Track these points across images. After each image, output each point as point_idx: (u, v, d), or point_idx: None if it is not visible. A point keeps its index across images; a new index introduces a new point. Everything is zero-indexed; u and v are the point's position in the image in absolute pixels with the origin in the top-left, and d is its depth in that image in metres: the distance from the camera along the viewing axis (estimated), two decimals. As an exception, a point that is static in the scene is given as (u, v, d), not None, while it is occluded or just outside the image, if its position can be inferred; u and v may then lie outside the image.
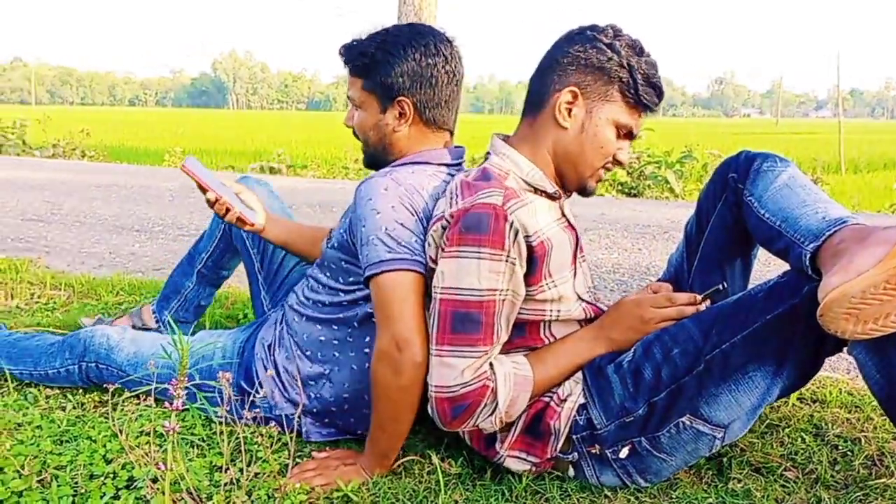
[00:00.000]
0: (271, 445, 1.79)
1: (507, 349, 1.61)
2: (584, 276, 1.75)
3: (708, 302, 1.62)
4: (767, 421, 1.97)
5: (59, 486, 1.57)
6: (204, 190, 2.02)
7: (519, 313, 1.58)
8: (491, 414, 1.53)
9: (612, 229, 5.26)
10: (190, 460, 1.68)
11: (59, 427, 1.86)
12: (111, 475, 1.62)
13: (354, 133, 1.91)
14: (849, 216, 1.38)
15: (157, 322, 2.53)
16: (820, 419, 1.98)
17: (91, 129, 14.52)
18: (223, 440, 1.77)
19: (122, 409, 1.97)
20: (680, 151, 8.55)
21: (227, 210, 2.02)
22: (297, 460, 1.77)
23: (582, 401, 1.58)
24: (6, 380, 2.15)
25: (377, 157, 1.88)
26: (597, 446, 1.57)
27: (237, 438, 1.82)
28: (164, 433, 1.22)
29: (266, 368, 1.91)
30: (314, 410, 1.89)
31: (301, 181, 9.12)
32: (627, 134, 1.65)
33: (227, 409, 1.54)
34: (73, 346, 2.12)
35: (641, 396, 1.52)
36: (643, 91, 1.60)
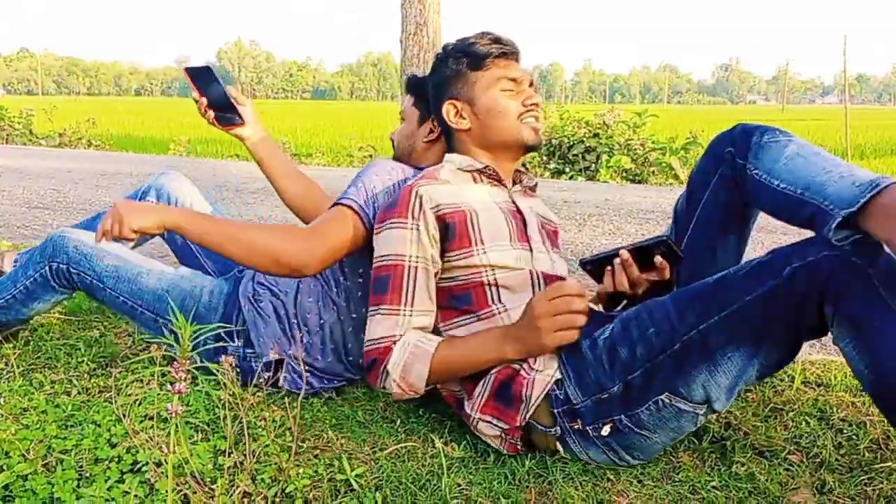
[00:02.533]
0: (274, 429, 1.81)
1: (455, 316, 1.73)
2: (549, 261, 1.81)
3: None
4: (771, 404, 1.96)
5: (63, 469, 1.57)
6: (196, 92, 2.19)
7: (457, 279, 1.71)
8: (387, 380, 1.67)
9: (615, 215, 5.25)
10: (193, 444, 1.68)
11: (64, 412, 1.87)
12: (116, 459, 1.63)
13: (393, 143, 2.17)
14: (880, 176, 1.30)
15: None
16: (824, 403, 1.98)
17: (97, 119, 14.55)
18: (226, 424, 1.78)
19: (127, 393, 1.98)
20: (684, 138, 8.52)
21: (206, 112, 2.21)
22: (300, 444, 1.77)
23: (558, 376, 1.59)
24: (11, 365, 2.16)
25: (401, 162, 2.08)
26: (578, 421, 1.57)
27: (240, 422, 1.84)
28: (168, 416, 1.22)
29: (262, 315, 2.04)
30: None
31: (306, 168, 9.12)
32: (511, 80, 1.83)
33: (230, 393, 1.56)
34: (44, 248, 2.13)
35: (617, 374, 1.52)
36: (479, 48, 1.84)
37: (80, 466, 1.60)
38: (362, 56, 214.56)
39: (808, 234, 1.43)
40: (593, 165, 8.50)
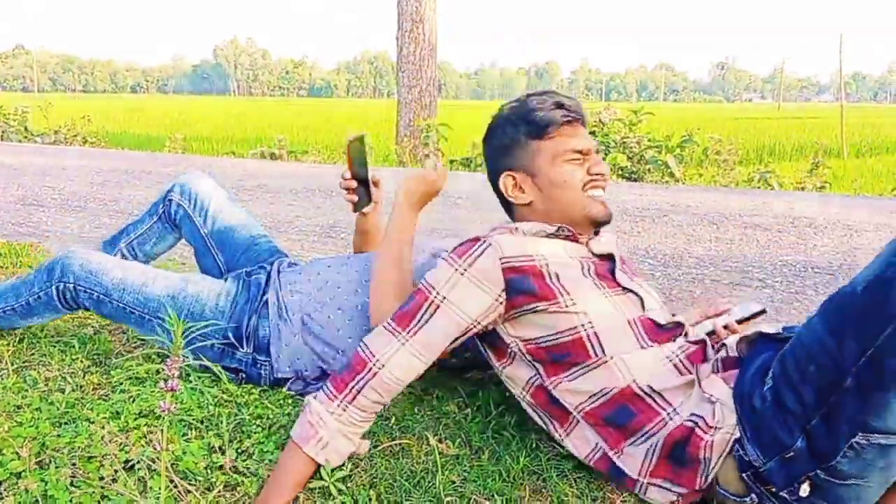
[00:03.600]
0: (269, 427, 1.82)
1: (564, 370, 1.57)
2: (644, 295, 1.70)
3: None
4: None
5: (57, 467, 1.57)
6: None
7: (550, 337, 1.57)
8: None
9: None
10: (188, 441, 1.68)
11: (58, 409, 1.86)
12: (110, 456, 1.61)
13: None
14: None
15: None
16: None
17: (92, 116, 14.52)
18: (221, 422, 1.79)
19: (121, 391, 1.97)
20: (680, 136, 8.53)
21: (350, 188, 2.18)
22: (295, 441, 1.77)
23: (737, 434, 1.41)
24: (5, 362, 2.16)
25: None
26: (771, 485, 1.38)
27: (235, 419, 1.84)
28: (161, 414, 1.22)
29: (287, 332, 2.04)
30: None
31: (301, 166, 9.11)
32: (577, 152, 1.70)
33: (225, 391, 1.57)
34: (51, 268, 2.15)
35: (793, 427, 1.31)
36: (543, 117, 1.70)
37: (74, 464, 1.59)
38: (359, 53, 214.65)
39: None
40: (589, 163, 8.50)
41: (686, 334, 1.63)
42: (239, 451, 1.70)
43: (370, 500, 1.49)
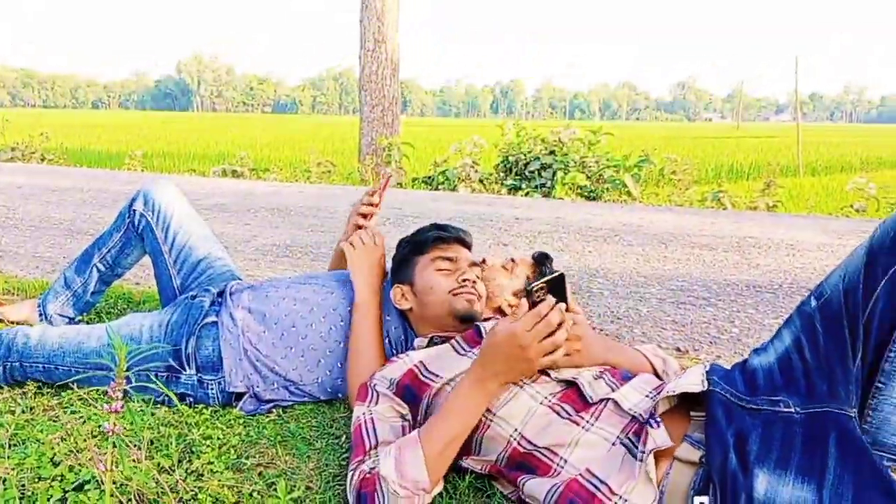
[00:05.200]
0: (220, 448, 1.84)
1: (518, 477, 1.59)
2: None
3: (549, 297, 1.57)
4: None
5: (5, 488, 1.56)
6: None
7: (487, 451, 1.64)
8: (387, 490, 1.49)
9: (565, 232, 5.34)
10: (137, 462, 1.70)
11: (8, 430, 1.86)
12: (59, 478, 1.62)
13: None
14: None
15: (40, 316, 2.60)
16: None
17: (52, 132, 14.31)
18: (170, 443, 1.80)
19: (72, 412, 1.98)
20: (638, 156, 8.69)
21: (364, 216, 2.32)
22: (244, 461, 1.79)
23: None
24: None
25: None
26: None
27: (185, 440, 1.86)
28: (107, 435, 1.24)
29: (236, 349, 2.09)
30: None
31: (261, 184, 9.09)
32: (447, 261, 2.02)
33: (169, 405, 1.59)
34: None
35: None
36: (422, 235, 2.08)
37: (23, 485, 1.59)
38: (324, 70, 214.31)
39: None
40: (549, 182, 8.61)
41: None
42: (188, 471, 1.71)
43: (317, 518, 1.52)
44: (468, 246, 2.11)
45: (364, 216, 2.29)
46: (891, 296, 1.42)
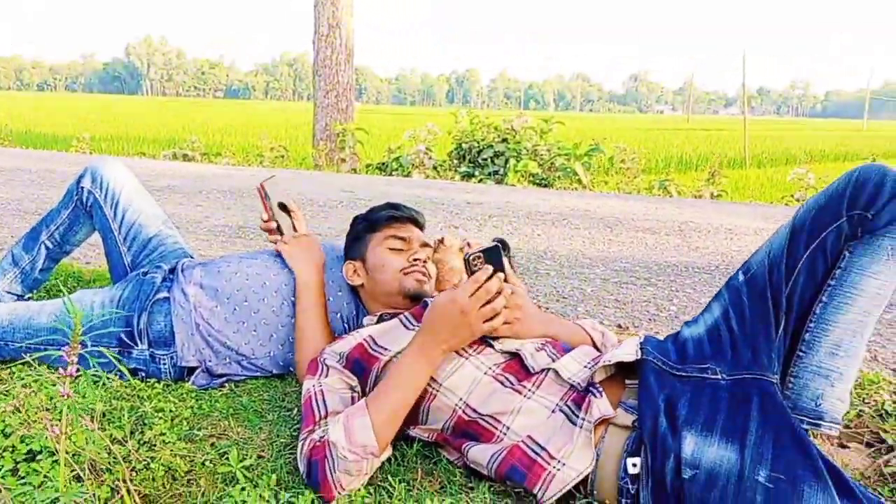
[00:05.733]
0: (172, 420, 1.86)
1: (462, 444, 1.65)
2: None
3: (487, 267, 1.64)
4: None
5: (-44, 460, 1.57)
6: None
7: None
8: (337, 455, 1.53)
9: (514, 216, 5.42)
10: (89, 433, 1.71)
11: (-42, 404, 1.86)
12: (10, 448, 1.64)
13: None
14: None
15: None
16: None
17: (-5, 115, 13.95)
18: (122, 415, 1.82)
19: (23, 385, 1.99)
20: (588, 144, 8.83)
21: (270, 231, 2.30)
22: (196, 432, 1.82)
23: (589, 471, 1.50)
24: None
25: None
26: None
27: (137, 413, 1.88)
28: (62, 399, 1.26)
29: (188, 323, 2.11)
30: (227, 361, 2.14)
31: (213, 167, 8.99)
32: (399, 241, 2.07)
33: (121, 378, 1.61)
34: None
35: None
36: (376, 213, 2.12)
37: (-26, 457, 1.59)
38: (277, 55, 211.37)
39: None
40: (502, 169, 8.70)
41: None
42: (141, 441, 1.74)
43: (269, 485, 1.56)
44: (421, 226, 2.15)
45: (270, 233, 2.28)
46: (811, 270, 1.52)
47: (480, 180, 8.59)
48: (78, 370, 1.24)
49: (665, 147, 18.74)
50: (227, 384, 2.13)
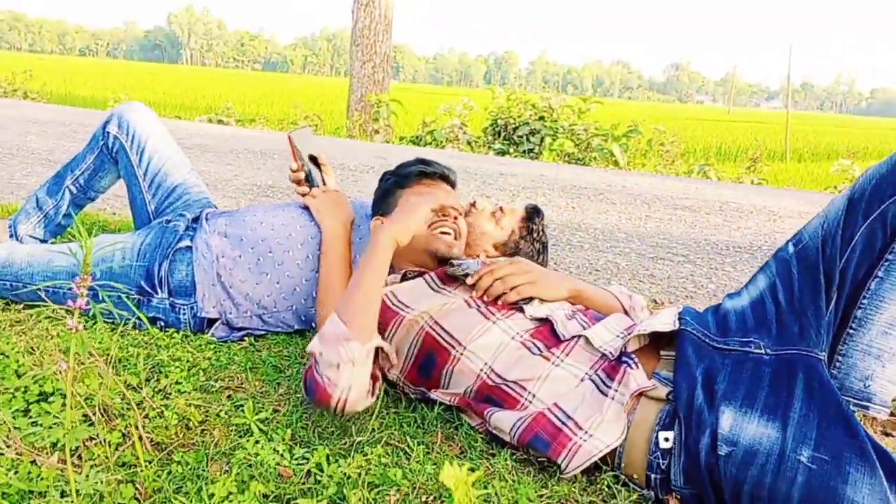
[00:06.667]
0: (189, 370, 1.82)
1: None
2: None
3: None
4: None
5: (-32, 398, 1.54)
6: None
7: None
8: (318, 360, 1.52)
9: (549, 189, 5.32)
10: (102, 378, 1.68)
11: (-27, 342, 1.84)
12: (23, 389, 1.61)
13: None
14: None
15: (11, 237, 2.52)
16: None
17: (37, 75, 14.11)
18: (138, 362, 1.79)
19: (40, 328, 1.96)
20: (626, 126, 8.69)
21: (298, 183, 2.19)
22: (213, 383, 1.78)
23: (617, 444, 1.45)
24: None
25: None
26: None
27: (153, 360, 1.84)
28: (69, 332, 1.21)
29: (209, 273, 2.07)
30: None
31: (246, 130, 9.01)
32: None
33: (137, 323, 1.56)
34: None
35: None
36: (406, 169, 2.05)
37: (-14, 396, 1.56)
38: (317, 30, 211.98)
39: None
40: (537, 147, 8.60)
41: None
42: (156, 389, 1.70)
43: (284, 438, 1.51)
44: (452, 184, 2.08)
45: (299, 184, 2.19)
46: (868, 243, 1.42)
47: (515, 157, 8.50)
48: (88, 303, 1.18)
49: (704, 137, 18.52)
50: (246, 338, 2.08)
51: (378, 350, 1.59)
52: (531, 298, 1.70)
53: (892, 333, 1.44)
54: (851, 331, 1.46)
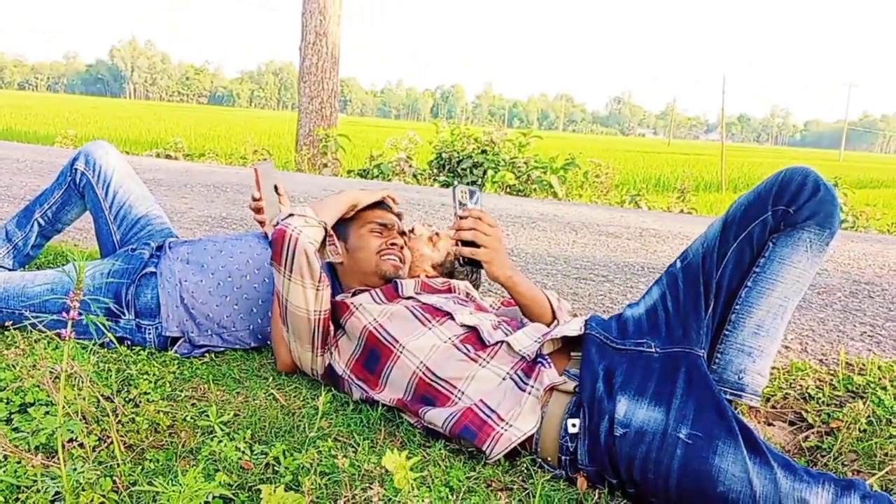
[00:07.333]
0: (156, 382, 2.01)
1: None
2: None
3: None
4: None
5: (-47, 410, 1.69)
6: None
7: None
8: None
9: (485, 216, 5.55)
10: (79, 390, 1.82)
11: (-48, 364, 1.97)
12: (4, 401, 1.77)
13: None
14: None
15: None
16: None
17: (-24, 109, 13.95)
18: (110, 375, 1.97)
19: (16, 347, 2.11)
20: (564, 159, 9.06)
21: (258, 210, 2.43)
22: (178, 393, 1.97)
23: (533, 431, 1.70)
24: None
25: None
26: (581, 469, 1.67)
27: (123, 374, 2.03)
28: (60, 340, 1.39)
29: (173, 296, 2.27)
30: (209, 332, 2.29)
31: (197, 165, 9.09)
32: (380, 226, 2.21)
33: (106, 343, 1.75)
34: None
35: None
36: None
37: (-31, 408, 1.72)
38: (263, 64, 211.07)
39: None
40: (480, 180, 8.91)
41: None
42: (127, 399, 1.88)
43: (244, 438, 1.70)
44: (400, 216, 2.32)
45: (258, 211, 2.43)
46: (739, 258, 1.71)
47: (458, 190, 8.73)
48: (80, 314, 1.38)
49: (643, 168, 19.08)
50: (207, 354, 2.28)
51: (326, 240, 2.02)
52: (478, 266, 1.96)
53: (760, 334, 1.72)
54: (727, 332, 1.74)
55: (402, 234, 2.28)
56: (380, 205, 2.27)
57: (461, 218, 1.94)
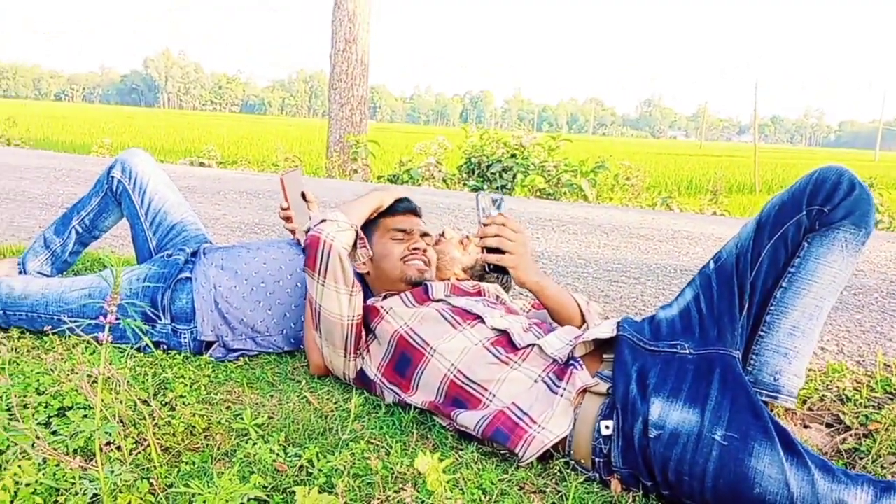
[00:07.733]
0: (191, 385, 2.04)
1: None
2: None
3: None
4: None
5: (-5, 411, 1.73)
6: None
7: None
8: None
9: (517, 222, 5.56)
10: (116, 394, 1.86)
11: (-6, 366, 2.02)
12: (44, 405, 1.81)
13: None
14: None
15: (19, 273, 2.73)
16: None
17: (20, 121, 14.23)
18: (146, 379, 2.00)
19: (54, 352, 2.16)
20: (594, 162, 9.01)
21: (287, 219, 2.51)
22: (213, 396, 2.00)
23: (567, 433, 1.69)
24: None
25: None
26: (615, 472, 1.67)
27: (159, 378, 2.06)
28: (97, 344, 1.41)
29: (208, 301, 2.30)
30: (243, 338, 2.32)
31: (230, 172, 9.21)
32: (401, 232, 2.22)
33: (142, 347, 1.78)
34: None
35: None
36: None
37: (10, 410, 1.76)
38: (294, 72, 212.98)
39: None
40: (509, 184, 8.89)
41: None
42: (163, 402, 1.91)
43: (279, 440, 1.72)
44: (419, 215, 2.32)
45: (287, 220, 2.49)
46: (773, 259, 1.69)
47: (488, 194, 8.73)
48: (117, 319, 1.40)
49: (674, 170, 18.87)
50: (241, 358, 2.31)
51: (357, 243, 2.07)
52: (505, 273, 1.97)
53: (795, 335, 1.70)
54: (762, 333, 1.72)
55: (424, 234, 2.28)
56: (400, 207, 2.27)
57: (485, 225, 1.94)
